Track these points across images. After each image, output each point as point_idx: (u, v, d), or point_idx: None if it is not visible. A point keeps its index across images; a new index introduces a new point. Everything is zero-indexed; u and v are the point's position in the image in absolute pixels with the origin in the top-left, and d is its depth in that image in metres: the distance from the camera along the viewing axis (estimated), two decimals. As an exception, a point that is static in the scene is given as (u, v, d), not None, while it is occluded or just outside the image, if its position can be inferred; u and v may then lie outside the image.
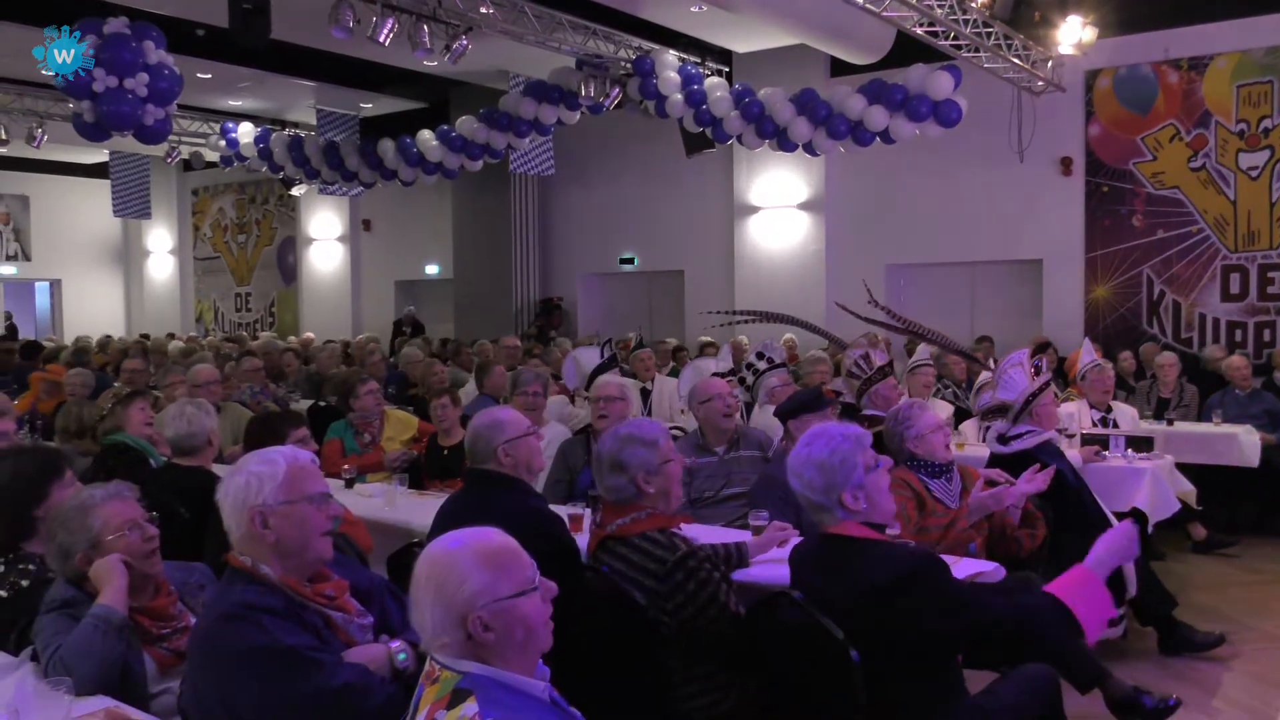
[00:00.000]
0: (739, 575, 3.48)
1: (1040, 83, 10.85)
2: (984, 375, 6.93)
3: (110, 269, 22.61)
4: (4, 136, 13.70)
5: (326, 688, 2.22)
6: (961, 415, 7.28)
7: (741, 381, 6.69)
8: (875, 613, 2.60)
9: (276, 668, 2.22)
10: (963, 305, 12.82)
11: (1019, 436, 4.87)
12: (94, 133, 8.33)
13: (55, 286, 22.04)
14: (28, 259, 21.26)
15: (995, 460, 4.91)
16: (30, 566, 3.02)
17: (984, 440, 5.57)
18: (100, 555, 2.69)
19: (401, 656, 2.39)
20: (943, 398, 7.72)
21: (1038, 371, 5.18)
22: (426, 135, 12.33)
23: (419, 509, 4.55)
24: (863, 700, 2.58)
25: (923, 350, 7.36)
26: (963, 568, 3.33)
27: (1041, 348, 9.56)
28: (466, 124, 11.94)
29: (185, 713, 2.39)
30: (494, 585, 1.82)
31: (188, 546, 3.50)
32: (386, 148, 12.63)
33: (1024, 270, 12.28)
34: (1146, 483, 5.71)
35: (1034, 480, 4.00)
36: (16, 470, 3.15)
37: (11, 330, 20.03)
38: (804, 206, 13.50)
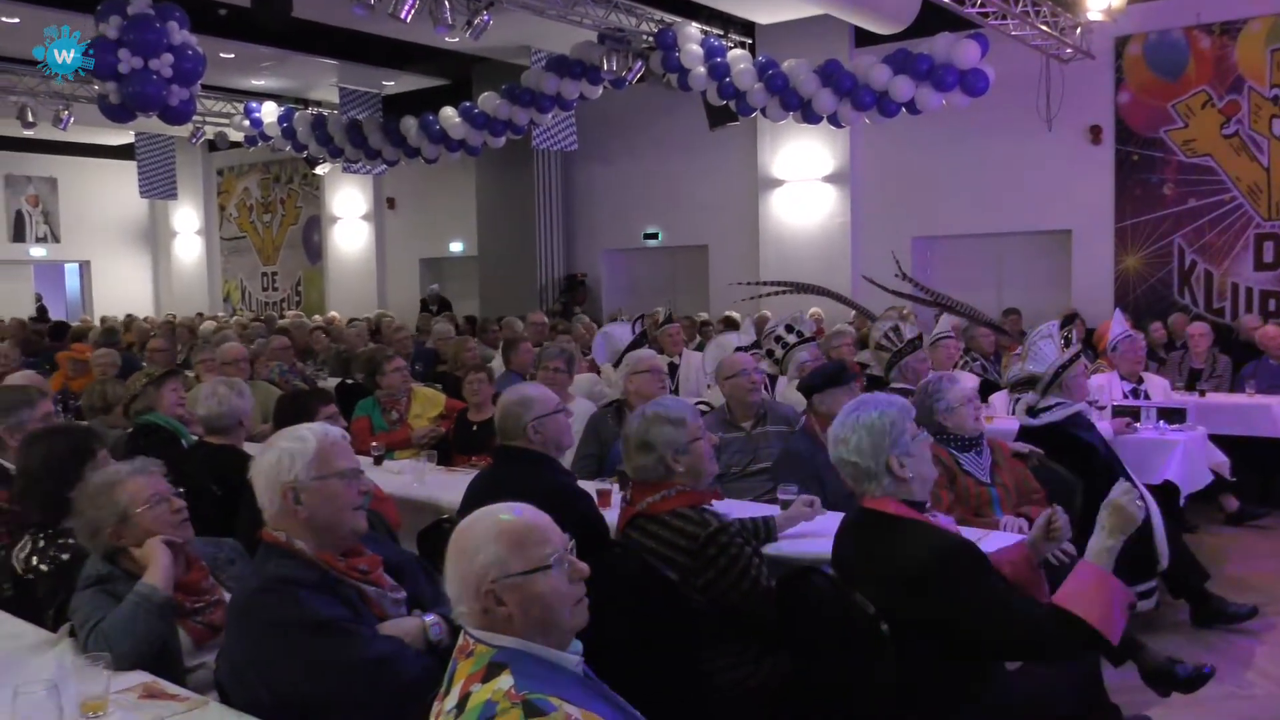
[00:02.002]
0: (768, 549, 3.47)
1: (1069, 50, 10.70)
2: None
3: (138, 250, 22.80)
4: (31, 119, 13.79)
5: (362, 659, 2.24)
6: (989, 388, 7.22)
7: (769, 354, 6.67)
8: (907, 596, 2.58)
9: (312, 640, 2.25)
10: (990, 277, 12.72)
11: (1049, 409, 4.83)
12: (119, 114, 8.38)
13: (84, 268, 22.25)
14: (57, 241, 21.47)
15: (1025, 433, 4.88)
16: (70, 540, 3.07)
17: (1013, 413, 5.52)
18: (129, 529, 2.72)
19: (435, 629, 2.41)
20: (970, 370, 7.66)
21: (1068, 343, 5.13)
22: (449, 112, 12.32)
23: (447, 485, 4.57)
24: (895, 675, 2.56)
25: (944, 322, 7.30)
26: (992, 541, 3.31)
27: (1070, 319, 9.47)
28: (489, 100, 11.91)
29: (221, 686, 2.42)
30: (505, 560, 1.82)
31: (219, 524, 3.53)
32: (409, 125, 12.63)
33: (1052, 241, 12.16)
34: (1179, 454, 5.65)
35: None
36: (49, 452, 3.20)
37: (42, 312, 20.26)
38: (829, 179, 13.40)
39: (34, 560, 3.04)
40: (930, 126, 11.41)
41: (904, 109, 10.02)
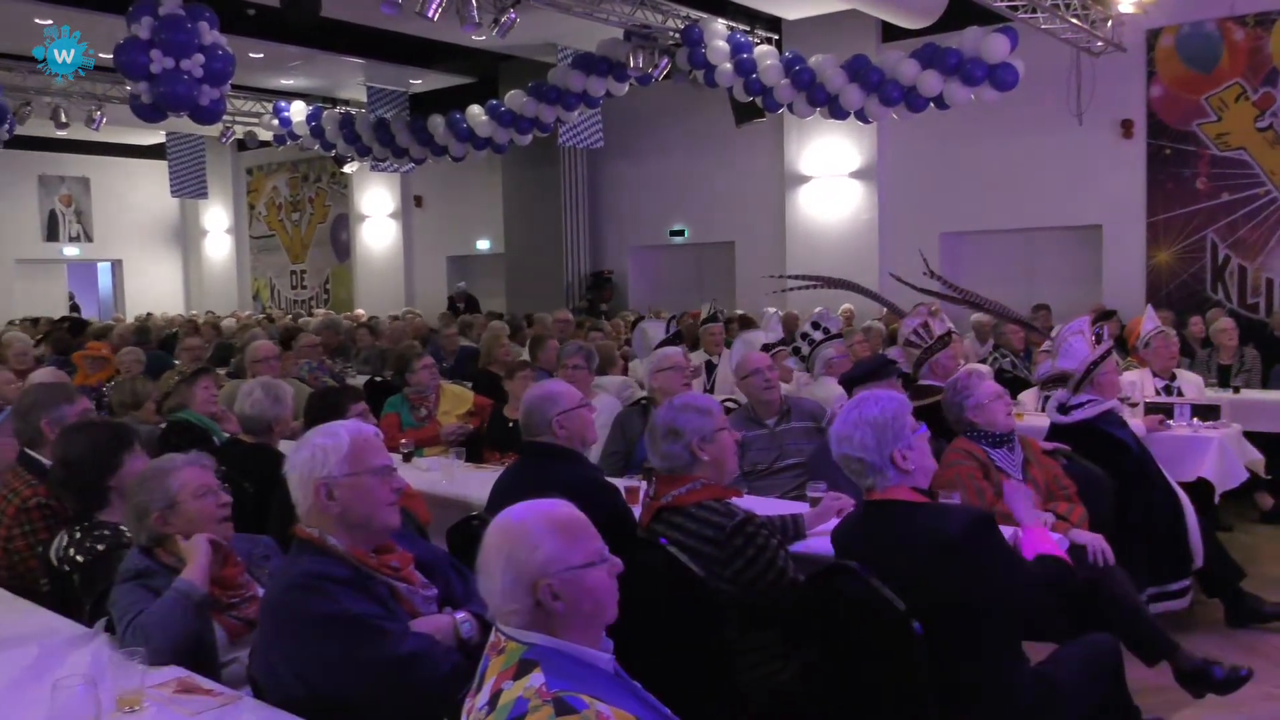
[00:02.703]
0: (797, 547, 3.47)
1: (1099, 43, 10.58)
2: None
3: (169, 248, 23.04)
4: (64, 119, 13.95)
5: (394, 656, 2.26)
6: (1019, 385, 7.17)
7: (796, 351, 6.65)
8: (934, 575, 2.60)
9: (345, 636, 2.26)
10: (1019, 273, 12.61)
11: (1080, 406, 4.79)
12: (151, 114, 8.46)
13: (116, 267, 22.51)
14: (89, 240, 21.72)
15: (1056, 430, 4.84)
16: (105, 533, 3.12)
17: (1043, 410, 5.48)
18: (176, 517, 2.77)
19: (466, 627, 2.42)
20: (1000, 367, 7.61)
21: (1099, 339, 5.08)
22: (476, 110, 12.36)
23: (476, 482, 4.60)
24: (926, 673, 2.56)
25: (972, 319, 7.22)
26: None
27: (1103, 315, 9.38)
28: (515, 98, 11.93)
29: (255, 681, 2.44)
30: (565, 553, 1.83)
31: (252, 521, 3.57)
32: (436, 124, 12.68)
33: (1083, 236, 12.04)
34: (1213, 452, 5.58)
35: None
36: (90, 441, 3.25)
37: (75, 310, 20.49)
38: (856, 175, 13.34)
39: (70, 551, 3.08)
40: (959, 121, 11.32)
41: (932, 104, 9.95)
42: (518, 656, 1.77)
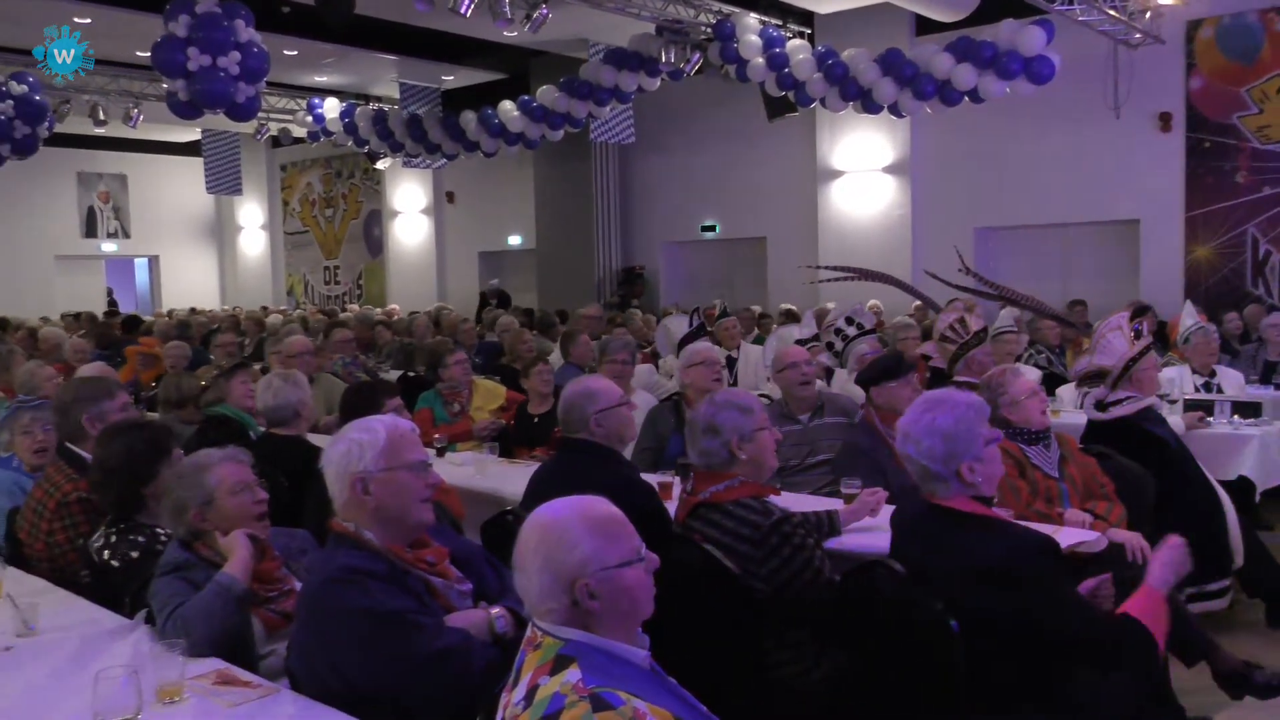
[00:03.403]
0: (832, 543, 3.45)
1: (1137, 35, 10.45)
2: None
3: (205, 244, 23.29)
4: (103, 117, 14.13)
5: (429, 650, 2.27)
6: (1055, 381, 7.09)
7: (829, 347, 6.61)
8: (978, 593, 2.55)
9: (380, 630, 2.27)
10: (1054, 268, 12.49)
11: (1118, 403, 4.72)
12: (187, 111, 8.54)
13: (153, 262, 22.78)
14: (127, 236, 21.99)
15: (1093, 427, 4.78)
16: (140, 538, 3.14)
17: (1081, 407, 5.41)
18: (213, 513, 2.80)
19: (501, 622, 2.43)
20: (1035, 363, 7.53)
21: (1137, 335, 5.01)
22: (508, 106, 12.39)
23: (509, 477, 4.61)
24: (963, 673, 2.53)
25: (1006, 316, 7.16)
26: (1064, 536, 3.25)
27: (1140, 311, 9.26)
28: (547, 94, 11.95)
29: (292, 674, 2.47)
30: (603, 553, 1.83)
31: (287, 514, 3.59)
32: (468, 119, 12.72)
33: (1120, 231, 11.90)
34: (1254, 449, 5.50)
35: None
36: (129, 448, 3.26)
37: (113, 305, 20.75)
38: (889, 170, 13.25)
39: (106, 554, 3.11)
40: (993, 115, 11.21)
41: (966, 98, 9.86)
42: (554, 652, 1.77)
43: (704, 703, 1.93)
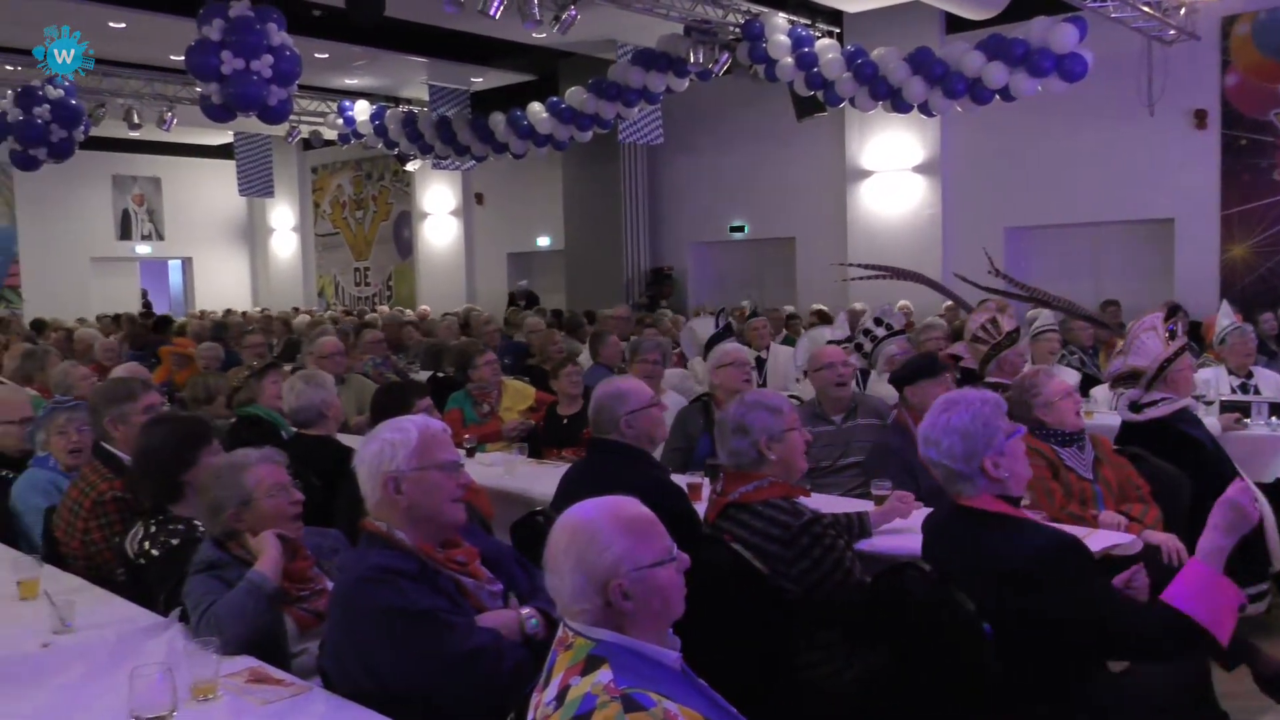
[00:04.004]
0: (862, 545, 3.43)
1: (1172, 31, 10.33)
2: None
3: (237, 246, 23.51)
4: (137, 120, 14.30)
5: (460, 650, 2.28)
6: (1089, 382, 7.02)
7: (858, 348, 6.58)
8: (1006, 594, 2.52)
9: (412, 629, 2.28)
10: (1086, 268, 12.37)
11: (1153, 404, 4.66)
12: (220, 114, 8.64)
13: (187, 264, 23.03)
14: (161, 238, 22.24)
15: (1127, 429, 4.73)
16: (179, 527, 3.18)
17: (1115, 408, 5.35)
18: (249, 513, 2.82)
19: (533, 622, 2.43)
20: (1068, 364, 7.46)
21: (1172, 336, 4.95)
22: (536, 107, 12.43)
23: (538, 478, 4.62)
24: (995, 674, 2.51)
25: (1047, 315, 7.10)
26: (1099, 539, 3.22)
27: (1174, 311, 9.15)
28: (575, 95, 11.97)
29: (324, 672, 2.48)
30: (636, 553, 1.83)
31: (318, 514, 3.62)
32: (497, 121, 12.77)
33: (1154, 230, 11.76)
34: (1292, 451, 5.42)
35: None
36: (168, 437, 3.31)
37: (148, 307, 21.00)
38: (919, 169, 13.18)
39: (145, 545, 3.15)
40: (1025, 113, 11.12)
41: (997, 96, 9.78)
42: (585, 652, 1.77)
43: (734, 704, 1.92)
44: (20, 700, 2.41)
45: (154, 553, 3.12)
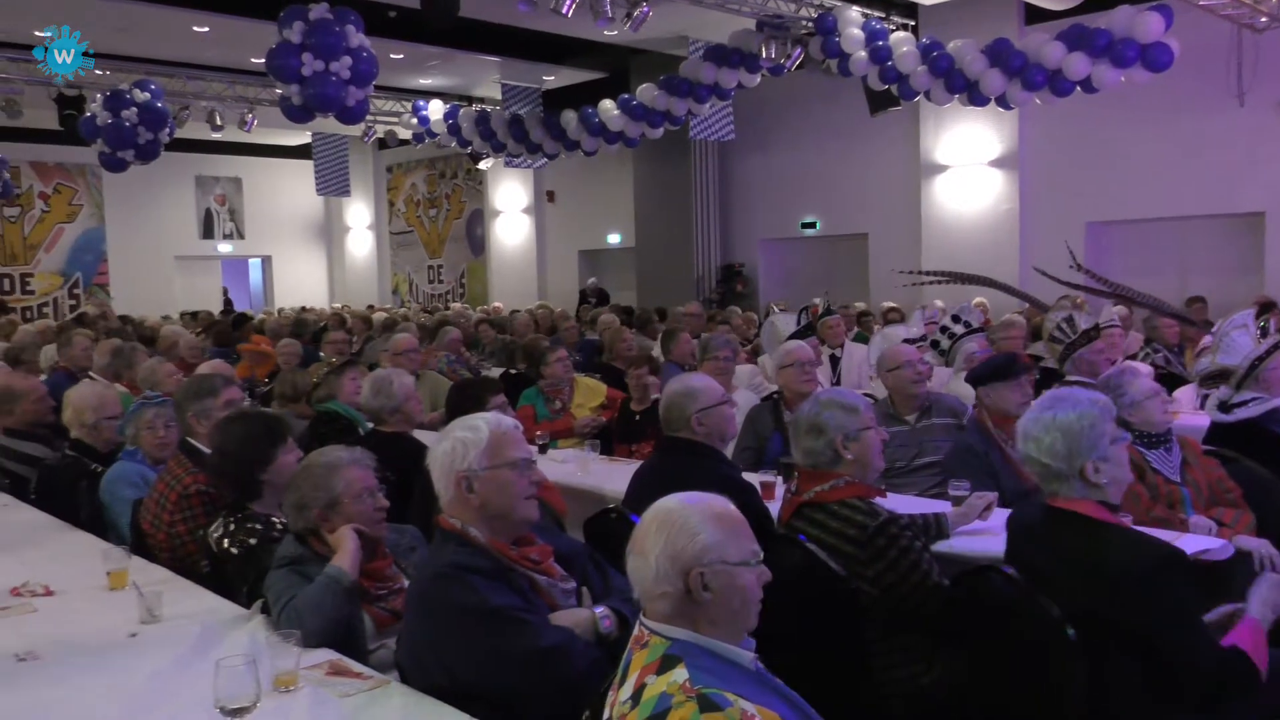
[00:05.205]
0: (940, 547, 3.37)
1: (1263, 18, 9.98)
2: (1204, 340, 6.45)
3: (314, 245, 23.99)
4: (219, 122, 14.66)
5: (535, 648, 2.28)
6: (1174, 381, 6.81)
7: (934, 346, 6.47)
8: (1107, 600, 2.45)
9: (487, 627, 2.30)
10: (1171, 264, 12.01)
11: (1243, 404, 4.50)
12: (300, 115, 8.81)
13: (266, 262, 23.56)
14: (242, 237, 22.79)
15: (1216, 430, 4.58)
16: (257, 525, 3.23)
17: (1203, 408, 5.18)
18: (335, 515, 2.85)
19: (606, 622, 2.43)
20: (1152, 362, 7.25)
21: (1264, 333, 4.78)
22: (608, 105, 12.45)
23: (611, 475, 4.62)
24: (1082, 682, 2.44)
25: (1108, 311, 6.91)
26: (1187, 543, 3.12)
27: (1267, 307, 8.84)
28: (647, 92, 11.97)
29: (401, 668, 2.51)
30: (723, 546, 1.84)
31: (393, 510, 3.66)
32: (569, 119, 12.82)
33: (1242, 224, 11.39)
34: (1393, 453, 5.18)
35: None
36: (246, 434, 3.37)
37: (229, 305, 21.53)
38: (996, 163, 12.92)
39: (225, 543, 3.21)
40: (1107, 105, 10.83)
41: (1079, 88, 9.54)
42: (661, 651, 1.77)
43: (810, 705, 1.90)
44: (109, 687, 2.48)
45: (233, 551, 3.18)
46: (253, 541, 3.18)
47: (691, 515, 1.86)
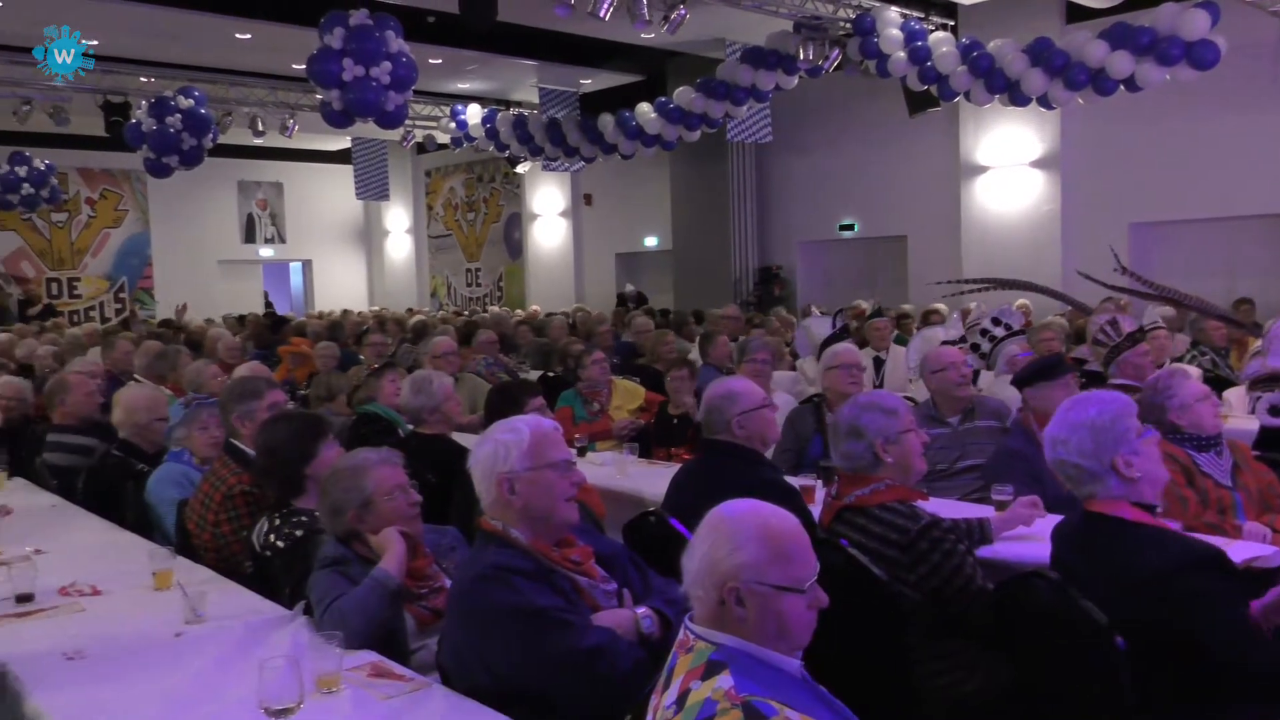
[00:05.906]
0: (984, 552, 3.32)
1: (1313, 15, 9.78)
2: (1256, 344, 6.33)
3: (354, 248, 24.21)
4: (261, 128, 14.84)
5: (577, 649, 2.28)
6: (1221, 384, 6.69)
7: (974, 348, 6.41)
8: (1140, 604, 2.41)
9: (529, 628, 2.30)
10: (1218, 265, 11.80)
11: (1296, 407, 4.42)
12: (340, 120, 8.89)
13: (307, 266, 23.81)
14: (283, 241, 23.05)
15: (1266, 434, 4.49)
16: (302, 519, 3.28)
17: (1253, 412, 5.09)
18: (370, 515, 2.88)
19: (647, 623, 2.42)
20: (1199, 364, 7.13)
21: (1316, 335, 4.69)
22: (645, 108, 12.45)
23: (650, 478, 4.61)
24: (1129, 690, 2.39)
25: (1151, 312, 6.80)
26: (1238, 550, 3.06)
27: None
28: (684, 94, 11.96)
29: (443, 668, 2.52)
30: (765, 568, 1.78)
31: (434, 511, 3.68)
32: (606, 122, 12.85)
33: (1292, 225, 11.18)
34: None
35: None
36: (290, 431, 3.44)
37: (270, 308, 21.77)
38: (1037, 164, 12.77)
39: (271, 538, 3.26)
40: (1151, 104, 10.67)
41: (1122, 86, 9.41)
42: (706, 656, 1.75)
43: (854, 711, 1.88)
44: (154, 687, 2.50)
45: (279, 544, 3.23)
46: (299, 533, 3.23)
47: (739, 528, 1.81)
